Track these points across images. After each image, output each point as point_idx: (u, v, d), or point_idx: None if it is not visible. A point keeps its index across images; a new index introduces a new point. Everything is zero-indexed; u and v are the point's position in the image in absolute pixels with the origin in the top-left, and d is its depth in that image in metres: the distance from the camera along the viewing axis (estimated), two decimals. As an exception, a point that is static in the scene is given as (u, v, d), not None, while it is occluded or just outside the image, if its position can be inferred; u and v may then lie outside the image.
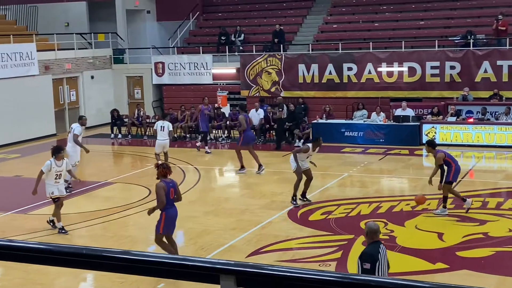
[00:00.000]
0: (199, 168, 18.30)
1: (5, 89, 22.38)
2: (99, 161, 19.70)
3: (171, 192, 9.86)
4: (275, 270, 1.61)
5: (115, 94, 27.43)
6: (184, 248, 11.55)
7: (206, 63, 25.81)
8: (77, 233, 12.49)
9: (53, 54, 24.98)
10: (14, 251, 1.88)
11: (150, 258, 1.74)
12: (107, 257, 1.75)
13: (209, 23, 29.54)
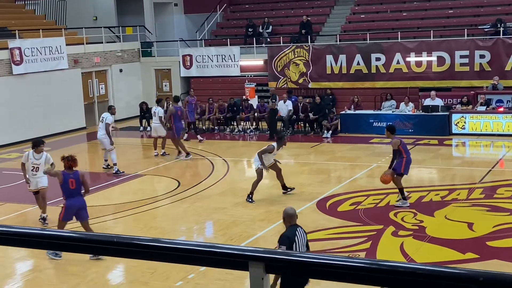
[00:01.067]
0: (228, 160, 18.36)
1: (36, 83, 22.69)
2: (128, 153, 19.89)
3: (70, 183, 10.28)
4: (303, 257, 1.62)
5: (143, 87, 27.63)
6: (213, 239, 11.64)
7: (234, 55, 25.84)
8: (108, 225, 12.64)
9: (82, 48, 25.25)
10: (47, 239, 1.92)
11: (180, 245, 1.77)
12: (138, 245, 1.79)
13: (236, 15, 29.55)
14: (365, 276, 1.53)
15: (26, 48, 22.43)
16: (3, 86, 21.57)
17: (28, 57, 22.50)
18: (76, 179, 10.39)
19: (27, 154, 12.44)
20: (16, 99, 21.92)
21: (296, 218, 7.50)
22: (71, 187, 10.33)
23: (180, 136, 18.76)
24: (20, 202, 14.61)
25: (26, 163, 12.43)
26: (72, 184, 10.32)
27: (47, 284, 9.64)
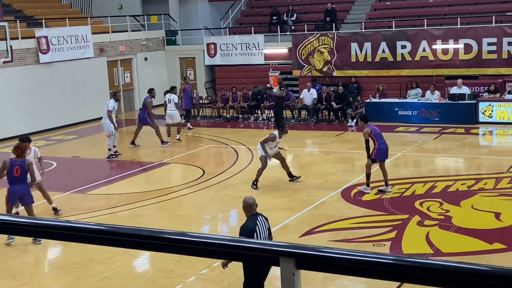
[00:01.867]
0: (252, 149, 18.37)
1: (62, 72, 22.90)
2: (154, 141, 19.99)
3: (15, 170, 10.71)
4: (334, 253, 1.62)
5: (168, 75, 27.72)
6: (238, 228, 11.65)
7: (258, 44, 25.78)
8: (134, 213, 12.75)
9: (107, 36, 25.39)
10: (75, 232, 1.94)
11: (210, 240, 1.77)
12: (168, 239, 1.80)
13: (261, 3, 29.43)
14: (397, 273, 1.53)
15: (53, 37, 22.62)
16: (30, 74, 21.79)
17: (55, 45, 22.70)
18: (22, 167, 10.80)
19: None
20: (42, 88, 22.14)
21: (256, 207, 7.53)
22: (15, 174, 10.77)
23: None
24: (48, 189, 14.76)
25: None
26: (16, 171, 10.75)
27: (73, 271, 9.77)
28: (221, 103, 23.90)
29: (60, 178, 16.37)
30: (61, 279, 9.63)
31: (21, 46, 21.40)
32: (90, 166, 17.83)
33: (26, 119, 21.48)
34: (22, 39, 21.54)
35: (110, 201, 13.89)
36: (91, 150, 18.92)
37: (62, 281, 9.57)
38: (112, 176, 16.58)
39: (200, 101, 24.66)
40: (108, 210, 13.04)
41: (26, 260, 10.34)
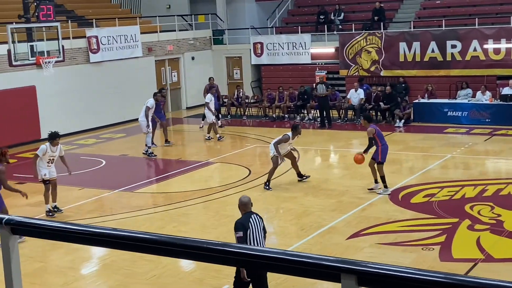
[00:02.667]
0: (298, 148, 18.30)
1: (111, 71, 23.25)
2: (199, 141, 20.14)
3: None
4: (398, 271, 1.58)
5: (215, 74, 27.79)
6: (284, 229, 11.66)
7: (305, 43, 25.67)
8: (180, 212, 12.85)
9: (156, 36, 25.65)
10: (140, 242, 1.96)
11: (271, 254, 1.76)
12: (227, 252, 1.79)
13: (308, 2, 29.30)
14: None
15: (103, 37, 22.98)
16: (80, 73, 22.19)
17: (105, 45, 23.06)
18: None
19: (45, 148, 12.73)
20: (92, 87, 22.52)
21: (250, 206, 7.82)
22: None
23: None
24: (97, 187, 15.05)
25: (44, 155, 12.72)
26: None
27: (123, 268, 9.90)
28: (267, 102, 23.90)
29: (109, 176, 16.64)
30: (110, 276, 9.77)
31: (72, 45, 21.81)
32: (138, 164, 18.05)
33: (76, 117, 21.88)
34: (73, 39, 21.95)
35: (157, 200, 14.03)
36: (139, 149, 19.12)
37: (111, 278, 9.71)
38: (160, 174, 16.76)
39: (246, 101, 24.71)
40: (155, 209, 13.18)
41: (76, 257, 10.52)
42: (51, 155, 12.72)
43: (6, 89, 19.66)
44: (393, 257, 9.83)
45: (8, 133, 18.91)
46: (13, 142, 19.05)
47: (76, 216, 12.71)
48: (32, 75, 20.10)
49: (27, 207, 13.25)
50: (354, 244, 10.51)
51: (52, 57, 18.38)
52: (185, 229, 11.54)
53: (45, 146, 12.74)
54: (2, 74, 19.60)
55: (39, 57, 18.06)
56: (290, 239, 10.95)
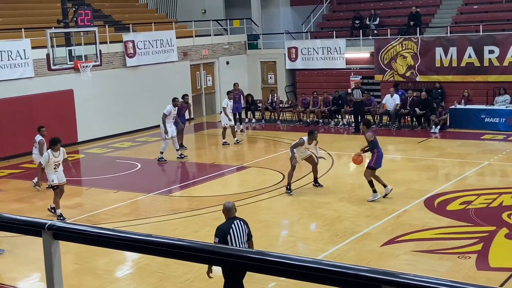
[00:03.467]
0: (332, 154, 18.25)
1: (147, 75, 23.48)
2: (233, 145, 20.19)
3: None
4: (441, 284, 1.56)
5: (249, 79, 27.94)
6: (318, 234, 11.62)
7: (340, 48, 25.59)
8: (214, 216, 12.88)
9: (191, 40, 25.84)
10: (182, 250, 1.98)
11: (311, 264, 1.76)
12: (268, 261, 1.80)
13: (343, 7, 29.22)
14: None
15: (139, 41, 23.24)
16: (117, 77, 22.46)
17: (141, 49, 23.31)
18: None
19: (47, 155, 12.95)
20: (128, 91, 22.77)
21: (234, 211, 7.99)
22: None
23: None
24: (133, 190, 15.19)
25: (48, 163, 12.92)
26: None
27: (156, 271, 9.97)
28: (301, 107, 23.87)
29: (144, 179, 16.78)
30: (144, 279, 9.86)
31: (109, 50, 22.10)
32: (173, 168, 18.19)
33: (113, 120, 22.15)
34: (110, 43, 22.24)
35: (192, 203, 14.10)
36: (174, 152, 19.26)
37: (144, 281, 9.79)
38: (194, 178, 16.85)
39: (280, 105, 24.72)
40: (190, 213, 13.25)
41: (111, 260, 10.64)
42: (55, 161, 12.97)
43: (45, 93, 20.01)
44: (428, 265, 9.72)
45: (46, 136, 19.19)
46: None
47: (111, 219, 12.85)
48: (70, 79, 20.43)
49: (63, 209, 13.46)
50: (389, 251, 10.42)
51: (89, 62, 18.64)
52: (219, 234, 11.57)
53: (47, 154, 13.02)
54: (41, 78, 19.97)
55: (77, 61, 18.33)
56: (323, 245, 10.91)
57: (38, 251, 9.10)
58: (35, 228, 2.31)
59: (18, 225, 2.40)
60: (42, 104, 19.81)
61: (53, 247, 2.30)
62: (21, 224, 2.38)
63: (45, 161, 12.93)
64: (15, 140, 18.71)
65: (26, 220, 2.38)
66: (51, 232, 2.27)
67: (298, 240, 11.64)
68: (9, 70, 19.21)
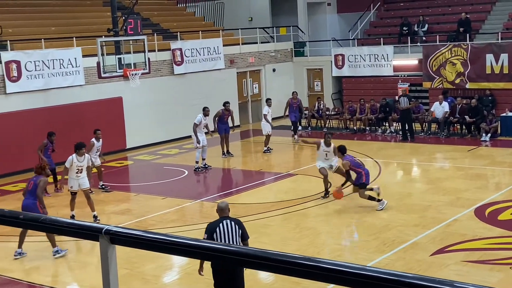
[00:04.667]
0: (379, 162, 18.08)
1: (194, 83, 23.71)
2: (280, 152, 20.18)
3: (29, 183, 11.43)
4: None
5: (295, 86, 27.89)
6: (365, 243, 11.51)
7: (387, 55, 25.37)
8: (260, 223, 12.91)
9: (238, 48, 25.99)
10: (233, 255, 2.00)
11: (367, 272, 1.75)
12: (316, 267, 1.80)
13: (391, 13, 28.98)
14: None
15: (187, 49, 23.49)
16: (165, 85, 22.74)
17: (188, 57, 23.55)
18: (34, 182, 11.27)
19: (71, 159, 13.13)
20: (176, 98, 23.01)
21: (227, 212, 8.27)
22: (28, 188, 11.37)
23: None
24: (180, 196, 15.33)
25: (71, 166, 13.10)
26: (29, 185, 11.35)
27: (204, 278, 10.02)
28: (348, 114, 23.73)
29: (191, 186, 16.94)
30: (192, 285, 9.93)
31: (157, 58, 22.40)
32: (219, 174, 18.30)
33: (161, 127, 22.42)
34: (158, 51, 22.54)
35: (238, 211, 14.12)
36: (220, 160, 19.41)
37: (192, 287, 9.86)
38: (240, 185, 16.90)
39: (327, 113, 24.63)
40: (236, 219, 13.28)
41: (159, 265, 10.76)
42: (78, 165, 13.14)
43: (95, 100, 20.41)
44: (479, 276, 9.53)
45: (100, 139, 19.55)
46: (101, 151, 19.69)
47: (159, 225, 12.99)
48: (119, 86, 20.79)
49: (112, 214, 13.68)
50: (438, 261, 10.25)
51: (138, 69, 18.93)
52: (265, 241, 11.58)
53: (71, 157, 13.19)
54: (91, 85, 20.38)
55: (126, 69, 18.63)
56: (371, 253, 10.80)
57: (90, 256, 9.28)
58: (92, 233, 2.36)
59: (76, 230, 2.45)
60: (92, 111, 20.20)
61: (110, 251, 2.34)
62: (79, 229, 2.43)
63: (69, 164, 13.12)
64: (67, 146, 19.07)
65: (84, 225, 2.43)
66: (108, 237, 2.31)
67: (345, 248, 11.56)
68: (61, 78, 19.66)
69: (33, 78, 18.99)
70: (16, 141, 18.26)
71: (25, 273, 10.87)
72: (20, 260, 11.42)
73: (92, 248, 11.53)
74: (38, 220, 2.54)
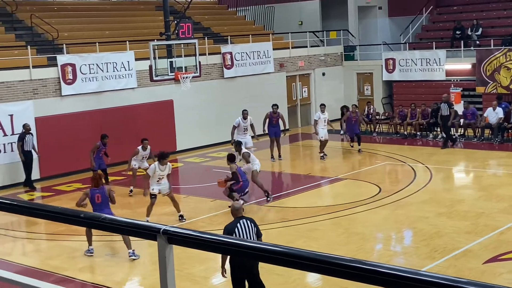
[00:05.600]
0: (430, 167, 17.82)
1: (244, 86, 23.83)
2: (328, 156, 20.09)
3: (96, 197, 11.42)
4: None
5: (345, 90, 27.79)
6: (416, 250, 11.37)
7: (439, 59, 24.99)
8: (309, 227, 12.89)
9: (287, 52, 26.01)
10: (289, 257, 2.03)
11: (424, 277, 1.74)
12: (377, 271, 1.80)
13: (443, 17, 28.55)
14: None
15: (237, 53, 23.65)
16: (214, 88, 22.93)
17: (238, 61, 23.70)
18: (102, 194, 11.46)
19: (153, 167, 13.31)
20: (226, 101, 23.17)
21: (242, 211, 8.75)
22: (97, 201, 11.44)
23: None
24: (229, 199, 15.40)
25: (153, 174, 13.30)
26: (98, 198, 11.44)
27: (253, 280, 10.06)
28: (398, 119, 23.46)
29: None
30: None
31: (208, 61, 22.61)
32: (268, 178, 18.32)
33: (210, 130, 22.61)
34: (209, 55, 22.75)
35: (286, 214, 14.15)
36: (269, 163, 19.44)
37: (241, 289, 9.90)
38: (289, 189, 16.91)
39: (377, 117, 24.41)
40: (284, 223, 13.31)
41: (209, 267, 10.85)
42: (160, 174, 13.36)
43: (146, 103, 20.73)
44: (533, 286, 9.29)
45: (147, 149, 19.84)
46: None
47: (209, 227, 13.10)
48: (170, 89, 21.07)
49: (162, 216, 13.87)
50: (491, 269, 10.05)
51: (189, 73, 19.13)
52: (314, 245, 11.56)
53: (153, 166, 13.40)
54: (143, 88, 20.72)
55: (178, 72, 18.86)
56: (421, 260, 10.66)
57: (142, 256, 9.38)
58: (151, 232, 2.42)
59: (135, 229, 2.51)
60: (144, 114, 20.53)
61: (167, 251, 2.39)
62: (138, 228, 2.49)
63: (151, 172, 13.40)
64: (119, 148, 19.46)
65: (142, 225, 2.48)
66: (166, 237, 2.36)
67: (395, 254, 11.44)
68: (114, 81, 20.05)
69: (88, 81, 19.43)
70: (71, 142, 18.71)
71: (78, 271, 11.11)
72: (73, 259, 11.69)
73: (143, 248, 11.70)
74: (98, 219, 2.61)
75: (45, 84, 18.67)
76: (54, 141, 18.49)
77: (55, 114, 18.69)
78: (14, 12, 21.74)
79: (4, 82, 17.82)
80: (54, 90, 18.83)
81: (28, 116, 18.01)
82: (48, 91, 18.72)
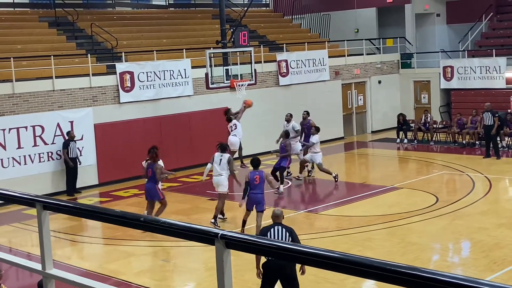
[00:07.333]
0: (490, 177, 17.40)
1: (299, 94, 23.80)
2: (384, 165, 19.88)
3: (148, 171, 13.41)
4: None
5: (401, 98, 27.43)
6: (474, 261, 11.11)
7: (499, 67, 24.41)
8: (364, 236, 12.76)
9: (343, 60, 25.87)
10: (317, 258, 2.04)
11: (481, 285, 1.71)
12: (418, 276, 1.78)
13: (504, 24, 27.89)
14: None
15: (292, 61, 23.67)
16: (270, 96, 22.98)
17: (293, 69, 23.72)
18: (152, 169, 13.25)
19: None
20: (281, 109, 23.12)
21: (281, 219, 8.75)
22: (148, 174, 13.27)
23: None
24: (283, 207, 15.41)
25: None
26: (148, 172, 13.27)
27: None
28: (456, 128, 23.01)
29: (294, 196, 17.00)
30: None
31: (263, 69, 22.70)
32: (322, 186, 18.24)
33: (265, 138, 22.64)
34: (264, 62, 22.85)
35: (341, 223, 14.05)
36: (318, 172, 19.32)
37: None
38: (344, 198, 16.78)
39: (434, 126, 24.00)
40: (339, 232, 13.21)
41: (262, 274, 10.84)
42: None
43: (202, 110, 20.95)
44: None
45: (203, 152, 20.03)
46: (207, 160, 20.17)
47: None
48: (226, 97, 21.21)
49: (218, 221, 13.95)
50: (553, 283, 9.72)
51: (245, 80, 19.23)
52: (369, 254, 11.42)
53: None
54: (200, 95, 20.96)
55: (233, 80, 18.98)
56: (480, 272, 10.40)
57: (194, 262, 9.49)
58: (209, 237, 2.45)
59: (193, 233, 2.55)
60: (200, 121, 20.75)
61: (225, 255, 2.42)
62: (197, 232, 2.52)
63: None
64: (176, 155, 19.75)
65: (201, 229, 2.52)
66: (224, 241, 2.39)
67: (453, 265, 11.20)
68: (171, 88, 20.36)
69: (145, 88, 19.78)
70: (128, 148, 19.05)
71: (134, 275, 11.30)
72: (130, 263, 11.89)
73: (199, 253, 11.80)
74: (158, 223, 2.66)
75: (104, 91, 19.10)
76: (112, 147, 18.87)
77: (114, 121, 19.08)
78: (75, 22, 22.36)
79: (65, 89, 18.31)
80: (113, 97, 19.24)
81: (87, 122, 18.45)
82: (107, 98, 19.14)
